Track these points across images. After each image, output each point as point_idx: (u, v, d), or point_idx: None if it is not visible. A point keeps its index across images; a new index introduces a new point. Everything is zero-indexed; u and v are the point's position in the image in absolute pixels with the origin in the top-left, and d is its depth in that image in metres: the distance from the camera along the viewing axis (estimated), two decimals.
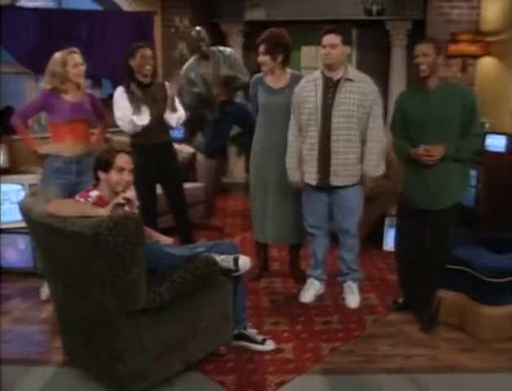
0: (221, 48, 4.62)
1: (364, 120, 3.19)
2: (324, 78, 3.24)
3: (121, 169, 2.64)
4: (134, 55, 3.57)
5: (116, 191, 2.63)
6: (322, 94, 3.22)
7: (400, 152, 3.20)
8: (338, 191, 3.28)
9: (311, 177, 3.31)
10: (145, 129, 3.64)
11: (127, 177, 2.66)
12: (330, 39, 3.16)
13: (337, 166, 3.22)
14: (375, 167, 3.24)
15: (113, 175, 2.64)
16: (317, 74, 3.29)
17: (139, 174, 3.67)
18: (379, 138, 3.22)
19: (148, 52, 3.59)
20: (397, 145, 3.21)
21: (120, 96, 3.63)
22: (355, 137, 3.20)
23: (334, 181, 3.24)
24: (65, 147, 3.47)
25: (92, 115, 3.64)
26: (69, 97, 3.46)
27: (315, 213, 3.40)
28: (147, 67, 3.58)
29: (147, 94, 3.64)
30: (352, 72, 3.24)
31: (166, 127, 3.80)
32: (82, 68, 3.47)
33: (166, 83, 3.80)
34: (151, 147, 3.68)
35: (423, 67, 2.99)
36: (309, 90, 3.26)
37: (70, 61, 3.40)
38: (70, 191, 3.39)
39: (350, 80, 3.18)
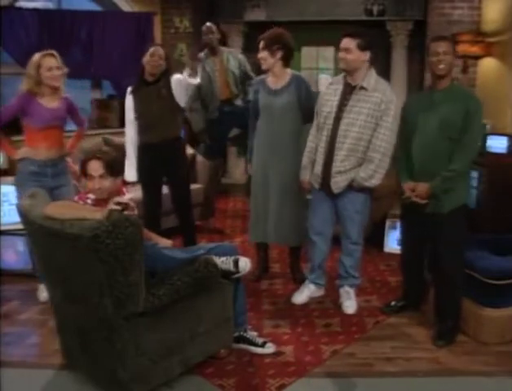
0: (231, 49, 4.90)
1: (373, 131, 3.12)
2: (345, 83, 3.21)
3: (91, 177, 2.64)
4: (146, 54, 3.67)
5: (96, 197, 2.63)
6: (339, 100, 3.19)
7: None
8: (340, 198, 3.27)
9: (316, 180, 3.31)
10: (150, 126, 3.69)
11: (97, 183, 2.64)
12: (344, 43, 3.12)
13: (336, 174, 3.20)
14: (367, 177, 3.15)
15: (87, 183, 2.66)
16: (340, 77, 3.27)
17: (145, 173, 3.74)
18: (382, 150, 3.12)
19: (159, 51, 3.66)
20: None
21: (126, 97, 3.76)
22: (360, 147, 3.15)
23: (334, 188, 3.23)
24: (40, 150, 3.45)
25: (65, 120, 3.60)
26: (45, 102, 3.41)
27: (320, 215, 3.39)
28: (153, 60, 3.62)
29: (152, 91, 3.68)
30: (370, 80, 3.15)
31: (175, 123, 3.81)
32: (57, 72, 3.40)
33: (175, 76, 3.79)
34: (157, 146, 3.72)
35: (441, 66, 2.89)
36: (330, 93, 3.25)
37: (44, 64, 3.35)
38: (50, 196, 3.35)
39: (364, 88, 3.14)
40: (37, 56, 3.38)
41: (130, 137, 3.79)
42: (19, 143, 3.72)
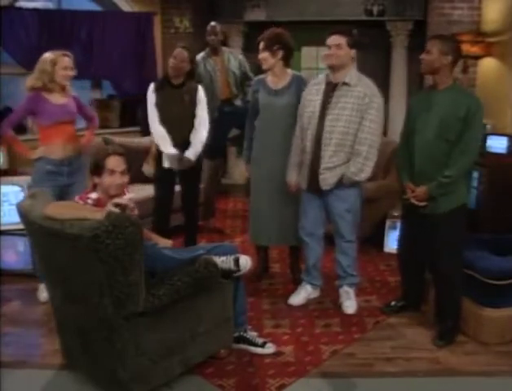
0: (231, 49, 4.95)
1: (358, 124, 3.15)
2: (327, 82, 3.24)
3: (112, 172, 2.64)
4: (171, 55, 3.71)
5: (110, 194, 2.62)
6: (322, 99, 3.22)
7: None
8: (329, 195, 3.28)
9: (304, 181, 3.33)
10: (167, 127, 3.73)
11: (119, 179, 2.65)
12: (335, 40, 3.17)
13: (325, 170, 3.20)
14: (357, 171, 3.17)
15: (105, 178, 2.64)
16: (322, 77, 3.30)
17: (160, 173, 3.80)
18: (368, 142, 3.15)
19: (183, 54, 3.68)
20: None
21: (149, 93, 3.78)
22: (347, 141, 3.17)
23: (322, 185, 3.23)
24: (55, 148, 3.48)
25: (76, 116, 3.66)
26: (54, 99, 3.47)
27: (310, 217, 3.40)
28: (176, 63, 3.65)
29: (176, 94, 3.73)
30: (352, 75, 3.20)
31: (190, 127, 3.84)
32: (71, 72, 3.49)
33: (200, 87, 3.87)
34: (174, 146, 3.75)
35: (422, 65, 2.97)
36: (313, 93, 3.28)
37: (60, 62, 3.43)
38: (62, 193, 3.43)
39: (346, 84, 3.17)
40: (52, 54, 3.44)
41: (160, 130, 3.76)
42: (25, 143, 3.73)
